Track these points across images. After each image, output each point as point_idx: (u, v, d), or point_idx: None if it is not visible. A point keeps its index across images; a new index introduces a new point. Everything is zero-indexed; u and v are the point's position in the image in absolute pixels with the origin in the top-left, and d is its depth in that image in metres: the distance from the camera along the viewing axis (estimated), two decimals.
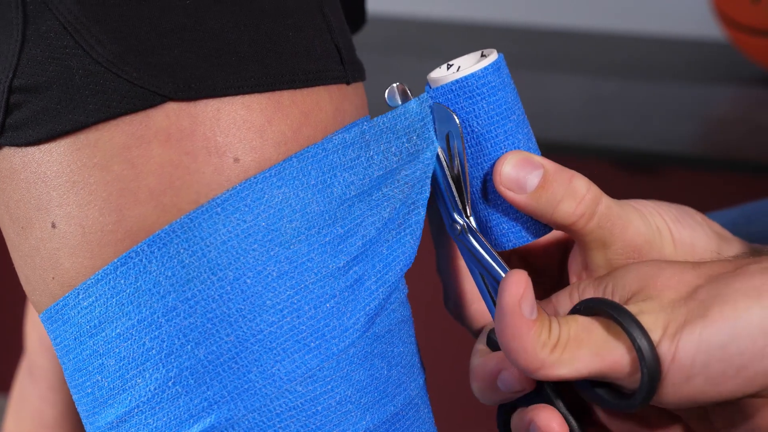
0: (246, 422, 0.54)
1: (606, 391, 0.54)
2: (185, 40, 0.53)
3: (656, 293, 0.53)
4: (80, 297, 0.54)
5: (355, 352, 0.55)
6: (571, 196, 0.55)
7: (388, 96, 0.58)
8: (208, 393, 0.53)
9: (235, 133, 0.53)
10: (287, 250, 0.54)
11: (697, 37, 1.48)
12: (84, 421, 0.57)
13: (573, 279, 0.58)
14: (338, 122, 0.56)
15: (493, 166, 0.57)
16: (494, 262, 0.57)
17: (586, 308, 0.53)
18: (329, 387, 0.54)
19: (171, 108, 0.53)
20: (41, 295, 0.56)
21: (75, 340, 0.55)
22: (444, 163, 0.58)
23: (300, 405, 0.54)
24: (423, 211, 0.58)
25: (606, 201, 0.56)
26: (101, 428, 0.56)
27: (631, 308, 0.52)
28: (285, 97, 0.55)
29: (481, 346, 0.58)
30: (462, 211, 0.58)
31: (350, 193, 0.55)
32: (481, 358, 0.57)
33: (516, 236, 0.58)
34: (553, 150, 1.21)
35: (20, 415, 1.09)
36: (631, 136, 1.17)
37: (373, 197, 0.56)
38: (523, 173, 0.56)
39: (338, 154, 0.55)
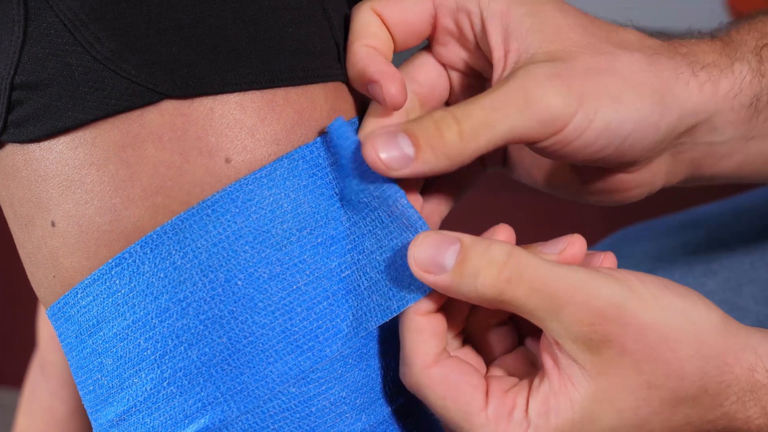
0: (240, 423, 0.53)
1: None
2: (184, 37, 0.53)
3: None
4: (79, 296, 0.55)
5: (350, 352, 0.55)
6: (491, 263, 0.51)
7: None
8: (202, 394, 0.53)
9: (227, 134, 0.53)
10: (279, 252, 0.53)
11: None
12: (89, 417, 0.58)
13: (548, 362, 0.53)
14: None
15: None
16: None
17: None
18: (323, 388, 0.54)
19: (165, 107, 0.53)
20: (45, 292, 0.57)
21: (76, 338, 0.56)
22: None
23: (293, 406, 0.54)
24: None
25: (536, 263, 0.51)
26: (103, 425, 0.56)
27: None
28: (279, 95, 0.54)
29: None
30: None
31: (339, 193, 0.55)
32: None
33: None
34: None
35: (32, 411, 1.09)
36: None
37: (361, 195, 0.56)
38: (439, 252, 0.52)
39: (325, 155, 0.55)
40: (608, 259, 0.55)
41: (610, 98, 0.53)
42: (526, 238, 0.57)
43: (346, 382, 0.55)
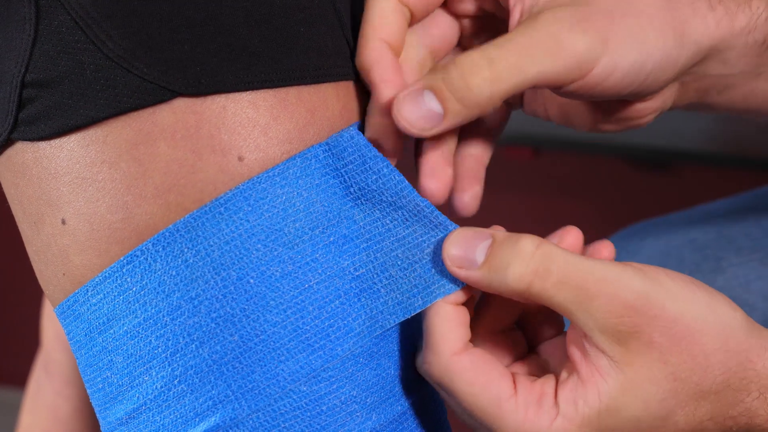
0: (250, 422, 0.54)
1: None
2: (196, 35, 0.53)
3: None
4: (89, 294, 0.54)
5: (361, 351, 0.55)
6: (519, 255, 0.52)
7: None
8: (213, 392, 0.53)
9: (240, 132, 0.53)
10: (291, 250, 0.53)
11: None
12: (97, 415, 0.58)
13: (576, 354, 0.54)
14: (345, 120, 0.56)
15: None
16: None
17: None
18: (334, 387, 0.54)
19: (178, 104, 0.53)
20: (54, 290, 0.57)
21: (86, 335, 0.55)
22: None
23: (304, 405, 0.54)
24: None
25: (564, 256, 0.52)
26: (112, 423, 0.56)
27: None
28: (291, 94, 0.54)
29: None
30: None
31: (353, 193, 0.55)
32: None
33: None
34: (567, 148, 1.20)
35: (35, 410, 1.09)
36: (645, 132, 1.16)
37: (374, 197, 0.56)
38: (471, 248, 0.54)
39: (339, 154, 0.55)
40: (606, 248, 0.56)
41: (633, 39, 0.54)
42: None
43: (357, 381, 0.55)
